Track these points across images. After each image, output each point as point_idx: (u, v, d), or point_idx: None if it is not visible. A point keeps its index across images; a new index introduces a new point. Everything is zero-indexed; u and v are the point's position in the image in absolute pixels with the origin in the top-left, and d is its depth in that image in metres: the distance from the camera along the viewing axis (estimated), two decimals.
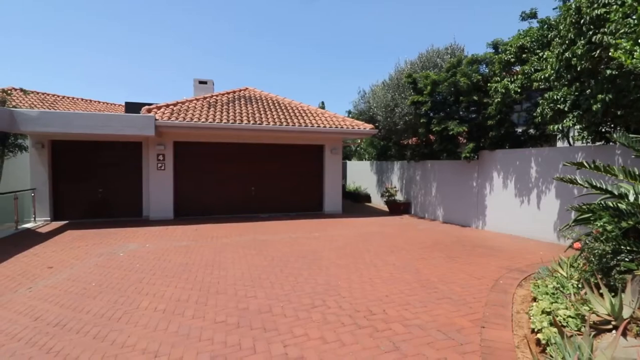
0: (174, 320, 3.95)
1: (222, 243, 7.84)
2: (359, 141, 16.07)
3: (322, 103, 31.12)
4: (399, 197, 13.38)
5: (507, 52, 8.61)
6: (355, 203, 15.83)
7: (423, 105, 10.72)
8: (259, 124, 11.03)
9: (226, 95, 13.21)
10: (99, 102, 18.86)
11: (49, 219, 10.43)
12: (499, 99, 8.49)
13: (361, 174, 17.72)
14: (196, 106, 11.64)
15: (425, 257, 6.51)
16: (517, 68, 8.75)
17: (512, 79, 8.37)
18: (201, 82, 15.57)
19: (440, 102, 10.73)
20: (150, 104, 11.31)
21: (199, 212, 11.50)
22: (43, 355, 3.30)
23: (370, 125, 12.59)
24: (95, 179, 10.89)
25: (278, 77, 64.90)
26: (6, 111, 9.04)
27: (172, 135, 11.06)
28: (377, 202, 15.39)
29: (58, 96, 17.23)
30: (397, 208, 12.78)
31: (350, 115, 18.75)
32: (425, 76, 10.78)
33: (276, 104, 13.04)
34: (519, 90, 8.11)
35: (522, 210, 8.39)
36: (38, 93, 16.28)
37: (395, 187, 13.40)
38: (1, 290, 5.04)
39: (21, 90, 13.85)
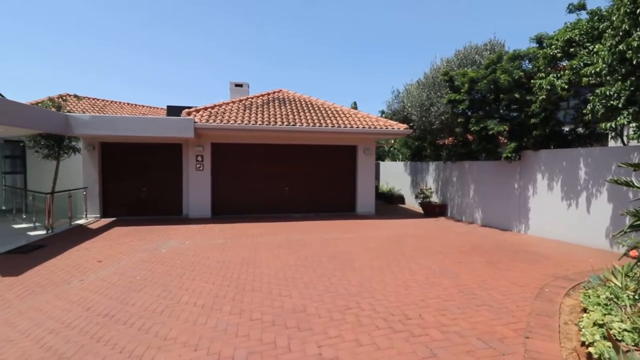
0: (212, 316, 4.09)
1: (257, 242, 8.01)
2: (393, 141, 15.82)
3: (355, 103, 30.97)
4: (434, 198, 13.02)
5: (553, 46, 8.12)
6: (388, 204, 15.60)
7: (460, 103, 10.37)
8: (293, 125, 11.17)
9: (261, 97, 13.50)
10: (143, 106, 19.93)
11: (99, 215, 11.17)
12: (543, 96, 8.03)
13: (394, 175, 17.43)
14: (232, 109, 11.99)
15: (463, 262, 6.29)
16: (564, 63, 8.23)
17: (558, 75, 7.88)
18: (237, 85, 16.00)
19: (479, 100, 10.32)
20: (190, 107, 11.80)
21: (235, 211, 11.83)
22: (94, 343, 3.54)
23: (405, 125, 12.36)
24: (139, 178, 11.53)
25: (311, 78, 65.40)
26: (62, 116, 9.79)
27: (210, 137, 11.47)
28: (411, 203, 15.06)
29: (107, 101, 18.42)
30: (432, 210, 12.45)
31: (384, 115, 18.50)
32: (462, 74, 10.42)
33: (309, 105, 13.14)
34: (566, 86, 7.62)
35: (569, 214, 7.88)
36: (89, 98, 17.51)
37: (430, 189, 13.06)
38: (57, 281, 5.46)
39: (75, 96, 14.95)
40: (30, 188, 12.10)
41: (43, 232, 8.97)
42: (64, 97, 13.32)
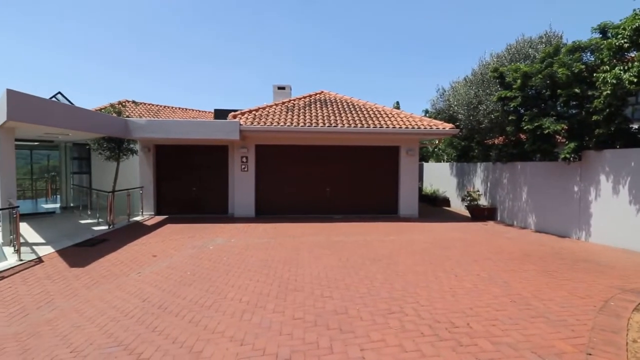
0: (256, 313, 4.21)
1: (299, 242, 8.13)
2: (437, 142, 15.29)
3: (397, 103, 30.39)
4: (483, 201, 12.39)
5: (619, 36, 7.39)
6: (432, 207, 15.10)
7: (512, 101, 9.78)
8: (334, 126, 11.20)
9: (303, 99, 13.70)
10: (193, 110, 21.03)
11: (153, 213, 11.96)
12: (608, 91, 7.34)
13: (439, 177, 16.84)
14: (275, 111, 12.28)
15: (514, 269, 5.92)
16: (632, 54, 7.46)
17: (626, 67, 7.15)
18: (280, 88, 16.38)
19: (533, 96, 9.67)
20: (235, 110, 12.26)
21: (277, 211, 12.09)
22: (149, 333, 3.78)
23: (450, 125, 11.90)
24: (190, 178, 12.19)
25: (353, 80, 65.24)
26: (122, 120, 10.63)
27: (254, 139, 11.83)
28: (457, 206, 14.47)
29: (160, 106, 19.68)
30: (480, 213, 11.86)
31: (428, 115, 17.99)
32: (514, 69, 9.82)
33: (350, 106, 13.10)
34: (635, 79, 6.88)
35: (638, 220, 7.12)
36: (145, 104, 18.82)
37: (478, 191, 12.45)
38: (118, 273, 5.92)
39: (133, 102, 16.19)
40: (94, 187, 13.24)
41: (105, 227, 9.76)
42: (123, 103, 14.46)
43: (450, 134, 11.97)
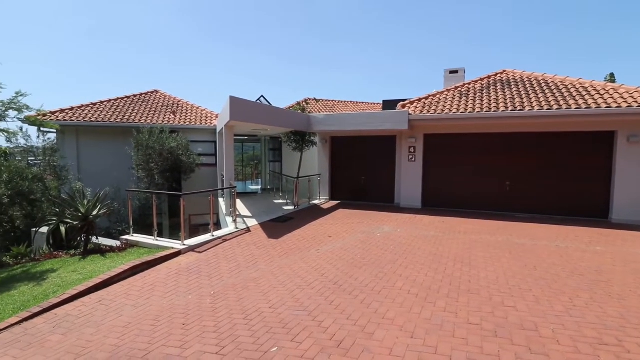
0: (426, 307, 4.10)
1: (471, 240, 7.44)
2: None
3: (611, 75, 23.64)
4: None
5: None
6: None
7: None
8: (519, 109, 9.60)
9: (479, 82, 12.30)
10: (362, 102, 22.11)
11: (328, 197, 13.30)
12: None
13: None
14: (447, 97, 11.49)
15: None
16: None
17: None
18: (452, 72, 15.20)
19: None
20: (404, 100, 12.14)
21: (446, 204, 11.40)
22: (327, 305, 4.23)
23: None
24: (359, 167, 12.91)
25: (543, 55, 54.33)
26: (305, 116, 12.16)
27: (423, 128, 11.43)
28: None
29: (335, 101, 21.54)
30: None
31: None
32: None
33: (542, 84, 10.91)
34: None
35: None
36: (323, 100, 20.98)
37: None
38: (301, 247, 6.87)
39: (314, 99, 18.30)
40: (283, 173, 15.76)
41: (292, 207, 11.49)
42: (307, 101, 16.50)
43: None
